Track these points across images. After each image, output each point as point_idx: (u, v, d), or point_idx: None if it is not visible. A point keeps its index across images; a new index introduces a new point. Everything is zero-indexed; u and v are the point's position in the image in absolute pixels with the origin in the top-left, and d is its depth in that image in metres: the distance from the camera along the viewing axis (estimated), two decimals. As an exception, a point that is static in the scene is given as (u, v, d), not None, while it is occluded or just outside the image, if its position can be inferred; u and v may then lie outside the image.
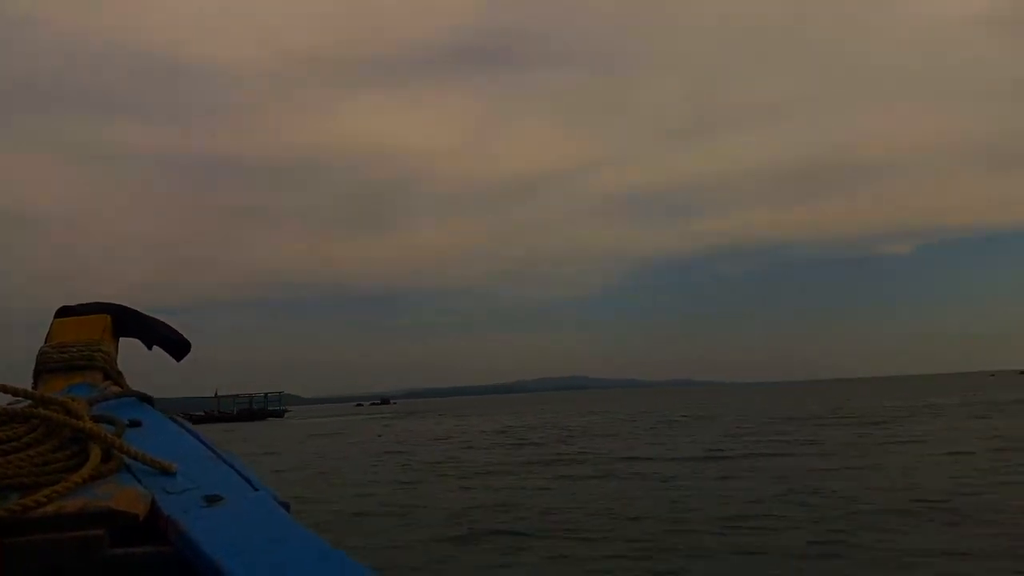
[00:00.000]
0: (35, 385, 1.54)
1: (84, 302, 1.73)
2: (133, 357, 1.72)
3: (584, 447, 22.52)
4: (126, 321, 1.72)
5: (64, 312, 1.70)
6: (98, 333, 1.64)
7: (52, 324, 1.69)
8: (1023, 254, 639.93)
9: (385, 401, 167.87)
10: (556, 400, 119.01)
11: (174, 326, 1.79)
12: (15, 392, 1.26)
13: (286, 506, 1.11)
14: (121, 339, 1.71)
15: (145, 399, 1.50)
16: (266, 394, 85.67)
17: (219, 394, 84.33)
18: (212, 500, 1.08)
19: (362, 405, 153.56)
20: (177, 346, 1.77)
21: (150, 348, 1.75)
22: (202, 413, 72.51)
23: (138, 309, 1.76)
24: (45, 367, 1.56)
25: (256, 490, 1.14)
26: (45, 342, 1.64)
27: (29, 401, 1.25)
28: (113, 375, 1.58)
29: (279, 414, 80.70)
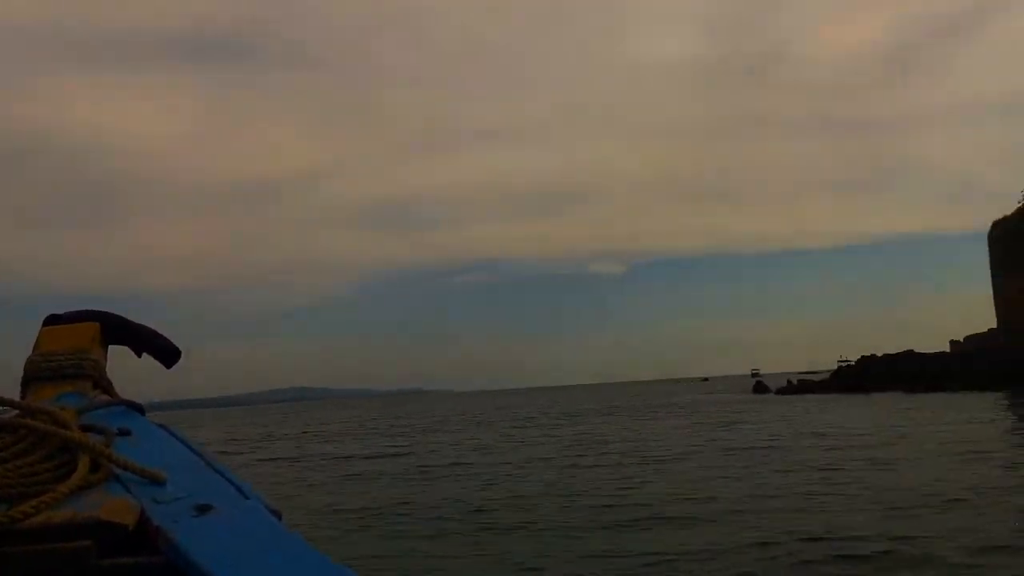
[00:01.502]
0: (23, 395, 1.50)
1: (72, 310, 1.70)
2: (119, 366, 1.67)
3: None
4: (115, 329, 1.70)
5: (52, 320, 1.67)
6: (87, 341, 1.61)
7: (40, 332, 1.65)
8: (718, 275, 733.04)
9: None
10: (280, 412, 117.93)
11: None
12: (2, 402, 1.23)
13: (278, 514, 1.10)
14: (110, 347, 1.69)
15: (135, 408, 1.49)
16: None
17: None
18: (203, 509, 1.07)
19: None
20: (167, 353, 1.76)
21: (140, 356, 1.74)
22: None
23: (126, 316, 1.74)
24: (33, 376, 1.53)
25: (247, 498, 1.12)
26: (33, 351, 1.60)
27: (17, 411, 1.23)
28: (102, 384, 1.57)
29: None
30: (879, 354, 47.93)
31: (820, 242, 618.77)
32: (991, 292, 37.72)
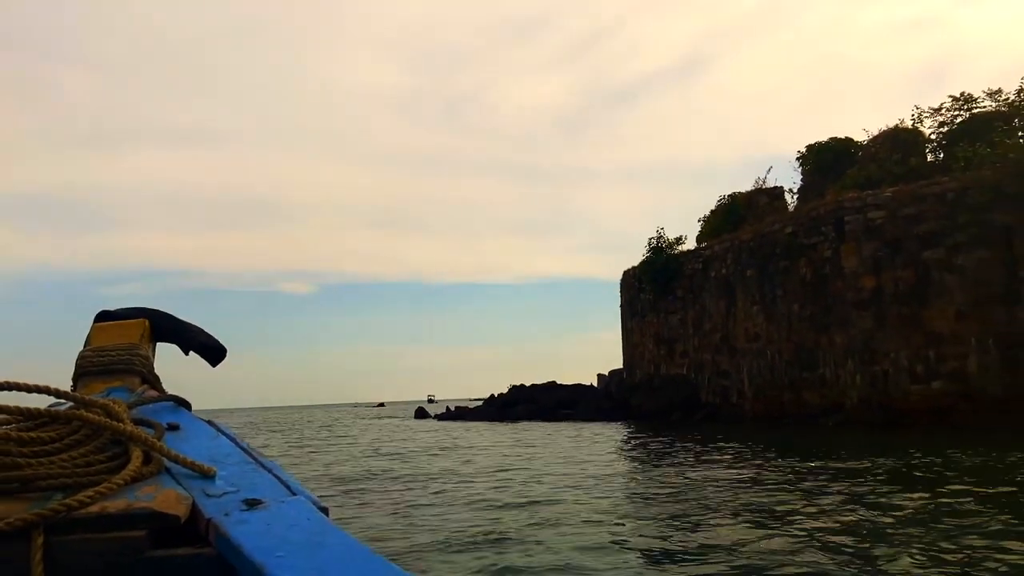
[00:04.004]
0: (74, 388, 1.55)
1: (123, 307, 1.76)
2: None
3: None
4: (164, 326, 1.76)
5: (103, 317, 1.73)
6: (136, 338, 1.68)
7: (92, 328, 1.71)
8: (405, 303, 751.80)
9: None
10: None
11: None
12: (57, 394, 1.26)
13: (325, 511, 1.11)
14: (158, 344, 1.75)
15: (182, 403, 1.54)
16: None
17: None
18: (252, 503, 1.09)
19: None
20: (214, 352, 1.81)
21: (187, 353, 1.79)
22: None
23: (174, 315, 1.80)
24: (84, 370, 1.58)
25: (294, 494, 1.15)
26: (84, 346, 1.66)
27: (71, 403, 1.27)
28: (151, 379, 1.62)
29: None
30: (541, 382, 52.11)
31: (501, 277, 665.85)
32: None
